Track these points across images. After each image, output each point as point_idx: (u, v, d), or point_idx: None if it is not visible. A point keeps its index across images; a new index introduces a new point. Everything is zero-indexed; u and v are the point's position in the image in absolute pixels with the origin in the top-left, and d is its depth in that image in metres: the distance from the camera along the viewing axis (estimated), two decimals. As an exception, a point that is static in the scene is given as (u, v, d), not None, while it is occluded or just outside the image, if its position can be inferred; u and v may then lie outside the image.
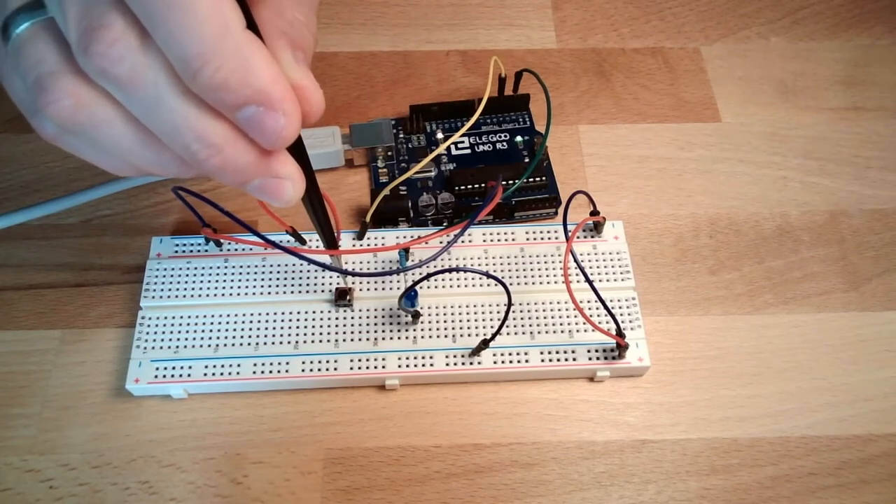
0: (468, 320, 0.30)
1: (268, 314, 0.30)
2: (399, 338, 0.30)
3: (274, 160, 0.20)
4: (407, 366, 0.29)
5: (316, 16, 0.22)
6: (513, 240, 0.32)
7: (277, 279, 0.31)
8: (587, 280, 0.28)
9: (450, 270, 0.30)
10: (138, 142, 0.20)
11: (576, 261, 0.28)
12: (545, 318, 0.31)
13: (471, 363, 0.30)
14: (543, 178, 0.34)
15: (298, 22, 0.20)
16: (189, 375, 0.29)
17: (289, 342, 0.30)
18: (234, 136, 0.19)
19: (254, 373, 0.29)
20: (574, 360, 0.30)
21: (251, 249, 0.32)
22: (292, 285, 0.31)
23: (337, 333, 0.30)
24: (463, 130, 0.34)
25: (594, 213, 0.32)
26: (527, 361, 0.30)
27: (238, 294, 0.31)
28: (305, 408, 0.30)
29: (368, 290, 0.31)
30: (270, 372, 0.29)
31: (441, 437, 0.29)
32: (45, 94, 0.19)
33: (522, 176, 0.33)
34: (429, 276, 0.29)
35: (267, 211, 0.29)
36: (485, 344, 0.29)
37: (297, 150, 0.21)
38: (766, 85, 0.39)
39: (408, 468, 0.29)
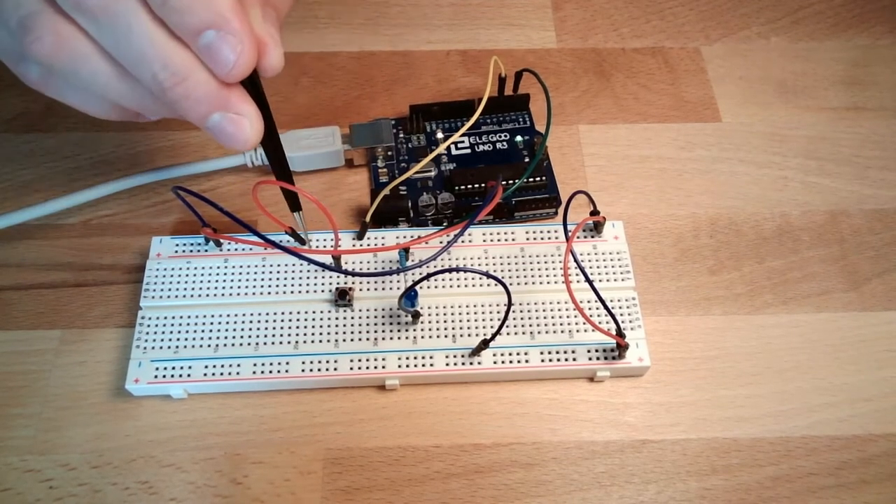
0: (468, 320, 0.30)
1: (268, 314, 0.30)
2: (399, 338, 0.30)
3: (233, 94, 0.22)
4: (407, 366, 0.29)
5: None
6: (513, 240, 0.32)
7: (277, 279, 0.31)
8: (587, 280, 0.28)
9: (450, 270, 0.30)
10: (114, 76, 0.21)
11: (576, 261, 0.28)
12: (545, 318, 0.30)
13: (471, 363, 0.30)
14: (543, 178, 0.34)
15: None
16: (189, 375, 0.29)
17: (289, 342, 0.30)
18: (197, 65, 0.21)
19: (254, 373, 0.29)
20: (574, 360, 0.30)
21: (251, 249, 0.32)
22: (292, 285, 0.31)
23: (337, 333, 0.30)
24: (463, 130, 0.34)
25: (594, 212, 0.32)
26: (527, 361, 0.30)
27: (238, 294, 0.31)
28: (305, 408, 0.30)
29: (368, 290, 0.31)
30: (270, 372, 0.29)
31: (441, 437, 0.29)
32: (28, 33, 0.20)
33: (522, 176, 0.33)
34: (429, 276, 0.29)
35: (265, 212, 0.29)
36: (485, 344, 0.29)
37: (258, 97, 0.23)
38: (766, 85, 0.39)
39: (408, 468, 0.29)
